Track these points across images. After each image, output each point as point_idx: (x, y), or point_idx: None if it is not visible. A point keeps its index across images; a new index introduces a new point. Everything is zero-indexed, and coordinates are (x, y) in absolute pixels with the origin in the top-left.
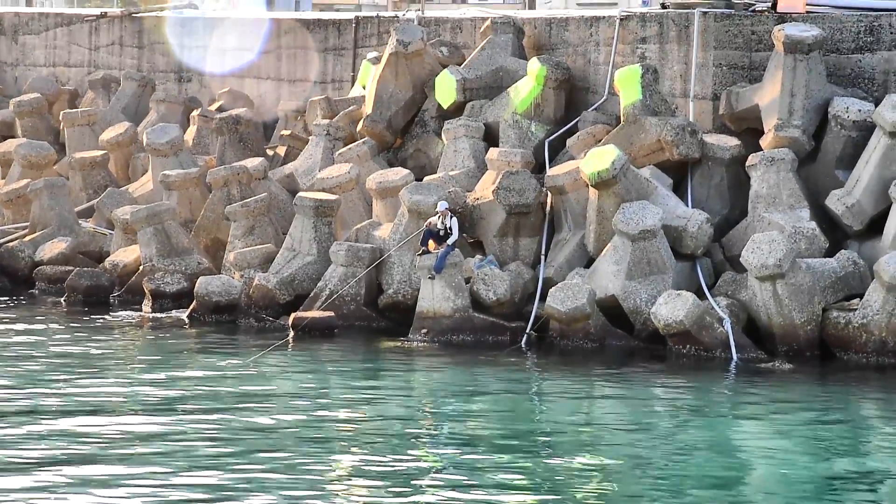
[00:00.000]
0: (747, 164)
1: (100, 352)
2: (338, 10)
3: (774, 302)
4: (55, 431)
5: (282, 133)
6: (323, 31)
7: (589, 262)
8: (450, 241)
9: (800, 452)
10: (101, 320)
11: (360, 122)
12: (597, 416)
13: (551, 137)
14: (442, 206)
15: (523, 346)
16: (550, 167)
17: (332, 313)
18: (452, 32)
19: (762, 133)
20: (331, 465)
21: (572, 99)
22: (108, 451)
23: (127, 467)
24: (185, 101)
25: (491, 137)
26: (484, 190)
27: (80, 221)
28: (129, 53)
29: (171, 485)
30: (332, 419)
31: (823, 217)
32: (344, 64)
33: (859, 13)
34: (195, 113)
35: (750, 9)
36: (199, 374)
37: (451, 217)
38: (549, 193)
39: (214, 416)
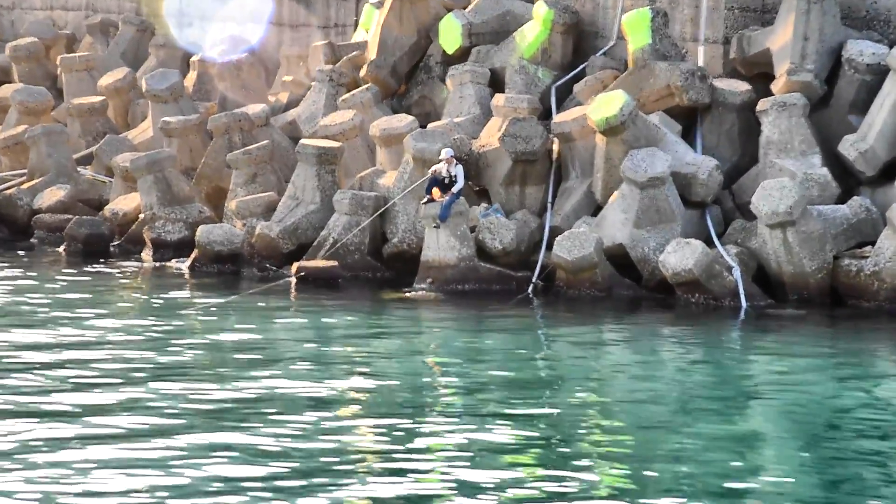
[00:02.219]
0: (758, 109)
1: (100, 300)
2: None
3: (785, 250)
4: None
5: (284, 79)
6: None
7: (596, 210)
8: (455, 189)
9: (809, 394)
10: (101, 269)
11: (364, 68)
12: (604, 363)
13: (558, 83)
14: (447, 153)
15: (530, 295)
16: (557, 113)
17: (335, 262)
18: None
19: (774, 78)
20: (334, 415)
21: (580, 44)
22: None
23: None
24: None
25: (497, 83)
26: (490, 137)
27: (78, 169)
28: None
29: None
30: (335, 369)
31: (836, 163)
32: (347, 8)
33: None
34: (195, 58)
35: None
36: (201, 322)
37: (457, 164)
38: (556, 140)
39: (216, 368)
